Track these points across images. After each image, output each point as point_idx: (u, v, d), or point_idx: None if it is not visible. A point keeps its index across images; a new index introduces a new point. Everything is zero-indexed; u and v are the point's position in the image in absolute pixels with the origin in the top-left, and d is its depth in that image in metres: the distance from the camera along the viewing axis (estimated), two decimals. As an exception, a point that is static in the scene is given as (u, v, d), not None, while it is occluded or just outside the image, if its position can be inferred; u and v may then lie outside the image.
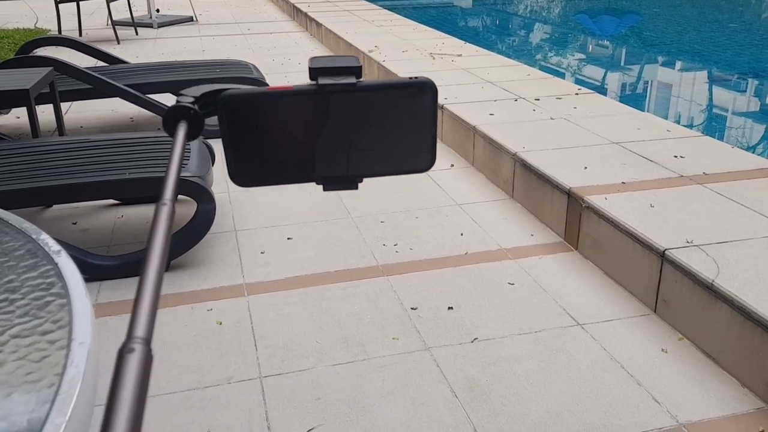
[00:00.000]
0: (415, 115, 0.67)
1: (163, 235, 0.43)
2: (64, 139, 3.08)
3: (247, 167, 0.66)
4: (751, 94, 6.75)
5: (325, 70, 0.64)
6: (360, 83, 0.65)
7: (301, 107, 0.64)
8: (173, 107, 0.63)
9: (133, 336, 0.35)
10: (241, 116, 0.64)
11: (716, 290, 2.10)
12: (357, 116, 0.66)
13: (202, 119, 0.65)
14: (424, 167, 0.70)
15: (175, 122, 0.63)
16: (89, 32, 8.50)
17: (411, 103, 0.67)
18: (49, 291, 0.83)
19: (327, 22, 7.63)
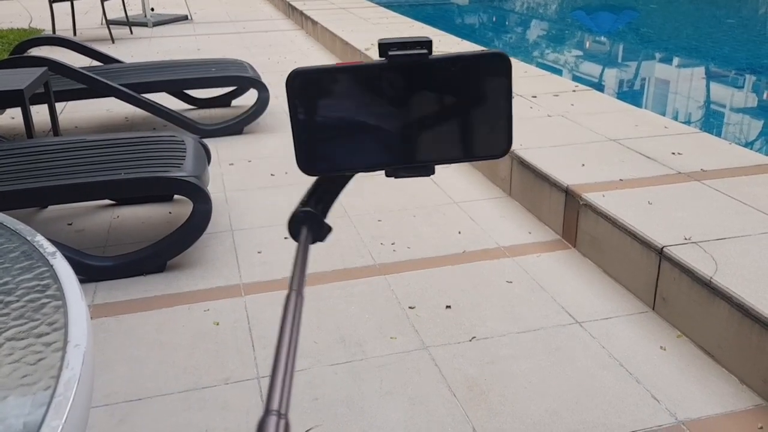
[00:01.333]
0: (488, 92, 0.63)
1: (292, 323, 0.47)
2: (59, 139, 3.06)
3: (317, 153, 0.63)
4: (749, 90, 6.75)
5: (395, 45, 0.61)
6: (432, 56, 0.61)
7: (372, 83, 0.61)
8: (296, 214, 0.64)
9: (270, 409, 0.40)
10: (310, 95, 0.61)
11: (714, 287, 2.09)
12: (429, 94, 0.62)
13: (325, 224, 0.65)
14: (500, 152, 0.65)
15: (300, 226, 0.64)
16: (84, 31, 8.48)
17: (484, 78, 0.63)
18: (45, 293, 0.82)
19: (323, 20, 7.62)
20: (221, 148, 4.14)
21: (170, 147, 2.93)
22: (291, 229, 0.64)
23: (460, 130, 0.64)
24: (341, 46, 6.63)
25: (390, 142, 0.64)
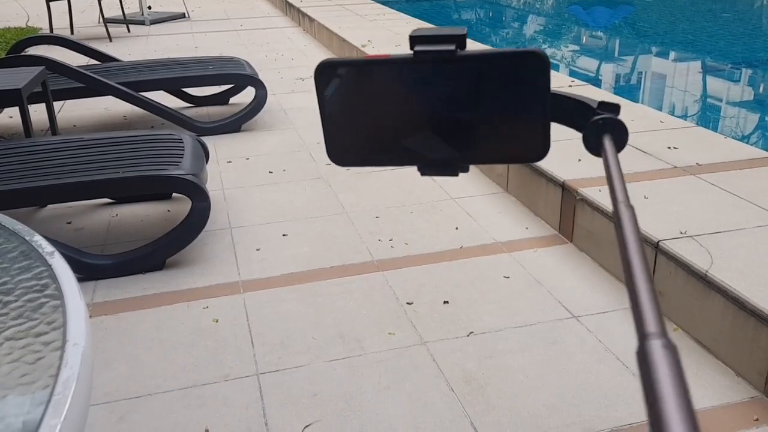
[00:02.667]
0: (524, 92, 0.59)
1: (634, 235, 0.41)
2: (57, 138, 3.07)
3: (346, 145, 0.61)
4: (745, 83, 6.76)
5: (423, 38, 0.58)
6: (460, 52, 0.58)
7: (399, 78, 0.59)
8: (593, 125, 0.59)
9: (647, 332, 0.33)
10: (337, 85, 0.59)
11: (710, 280, 2.10)
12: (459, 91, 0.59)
13: (626, 129, 0.60)
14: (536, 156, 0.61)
15: (600, 136, 0.59)
16: (81, 30, 8.47)
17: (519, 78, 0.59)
18: (43, 293, 0.83)
19: (320, 17, 7.62)
20: (219, 146, 4.15)
21: (168, 145, 2.94)
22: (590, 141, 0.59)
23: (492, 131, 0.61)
24: (338, 43, 6.63)
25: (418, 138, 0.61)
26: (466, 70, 0.59)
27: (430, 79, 0.59)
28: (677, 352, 0.32)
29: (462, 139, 0.61)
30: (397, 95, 0.60)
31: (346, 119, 0.61)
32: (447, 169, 0.62)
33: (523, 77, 0.59)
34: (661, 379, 0.30)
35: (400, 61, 0.59)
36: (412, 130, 0.61)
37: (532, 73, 0.58)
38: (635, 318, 0.35)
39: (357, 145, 0.62)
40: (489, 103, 0.60)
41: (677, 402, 0.29)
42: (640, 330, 0.34)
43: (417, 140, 0.62)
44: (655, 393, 0.30)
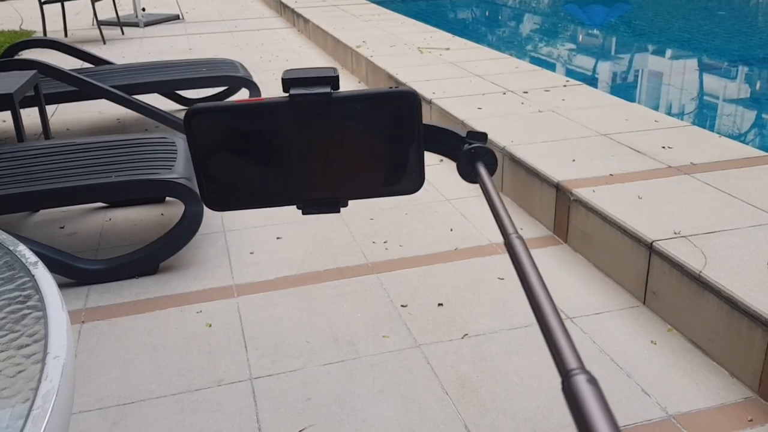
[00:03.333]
0: (398, 130, 0.62)
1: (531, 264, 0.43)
2: (49, 142, 3.06)
3: (221, 189, 0.62)
4: (740, 82, 6.76)
5: (298, 81, 0.60)
6: (335, 94, 0.60)
7: (274, 121, 0.60)
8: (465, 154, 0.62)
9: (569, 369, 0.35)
10: (211, 133, 0.60)
11: (704, 281, 2.10)
12: (334, 131, 0.61)
13: (492, 152, 0.64)
14: (412, 189, 0.64)
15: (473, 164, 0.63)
16: (75, 33, 8.45)
17: (393, 117, 0.61)
18: (26, 304, 0.82)
19: (314, 18, 7.61)
20: (213, 149, 4.13)
21: (161, 149, 2.93)
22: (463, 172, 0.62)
23: (369, 167, 0.63)
24: (333, 44, 6.62)
25: (297, 178, 0.63)
26: (342, 110, 0.60)
27: (307, 120, 0.61)
28: (599, 384, 0.34)
29: (340, 175, 0.63)
30: (275, 138, 0.61)
31: (222, 164, 0.61)
32: (328, 206, 0.64)
33: (396, 115, 0.61)
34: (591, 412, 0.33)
35: (275, 105, 0.60)
36: (291, 170, 0.62)
37: (405, 112, 0.61)
38: (554, 357, 0.37)
39: (235, 189, 0.63)
40: (365, 141, 0.62)
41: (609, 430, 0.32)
42: (561, 368, 0.36)
43: (296, 180, 0.63)
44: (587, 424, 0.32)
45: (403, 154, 0.63)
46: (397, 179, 0.64)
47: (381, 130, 0.62)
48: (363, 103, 0.61)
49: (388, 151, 0.63)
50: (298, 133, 0.61)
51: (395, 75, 4.84)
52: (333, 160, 0.62)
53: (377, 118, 0.62)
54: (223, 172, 0.62)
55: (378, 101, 0.61)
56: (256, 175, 0.62)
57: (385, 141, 0.63)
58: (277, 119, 0.60)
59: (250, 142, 0.61)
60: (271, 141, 0.61)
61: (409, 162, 0.64)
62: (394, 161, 0.63)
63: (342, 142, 0.62)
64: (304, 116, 0.60)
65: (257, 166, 0.62)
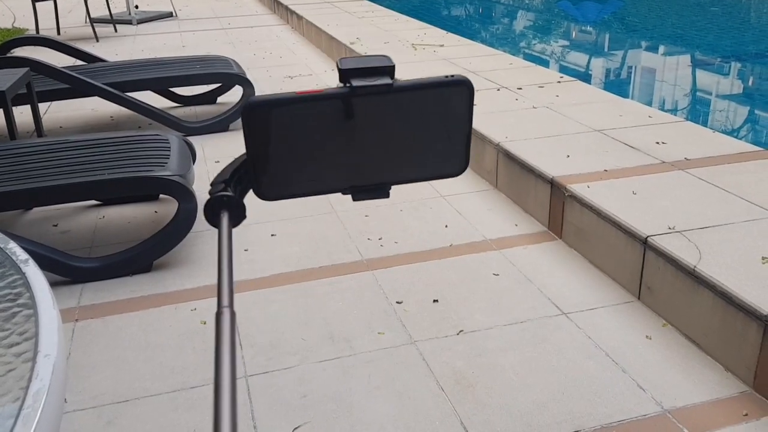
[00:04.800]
0: (450, 116, 0.63)
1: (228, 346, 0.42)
2: (42, 140, 3.04)
3: (274, 180, 0.62)
4: (733, 77, 6.77)
5: (357, 71, 0.60)
6: (396, 83, 0.61)
7: (333, 111, 0.60)
8: (213, 199, 0.60)
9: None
10: (268, 125, 0.60)
11: (698, 276, 2.10)
12: (392, 119, 0.62)
13: (243, 205, 0.62)
14: (456, 171, 0.66)
15: (218, 212, 0.60)
16: (67, 30, 8.41)
17: (447, 103, 0.63)
18: (16, 302, 0.81)
19: (308, 15, 7.59)
20: (206, 146, 4.12)
21: (154, 146, 2.92)
22: (208, 215, 0.61)
23: (420, 152, 0.64)
24: (327, 41, 6.61)
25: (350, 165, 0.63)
26: (401, 99, 0.61)
27: (366, 110, 0.61)
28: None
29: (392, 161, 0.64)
30: (332, 128, 0.61)
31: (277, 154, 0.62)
32: (378, 192, 0.65)
33: (451, 103, 0.63)
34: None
35: (335, 96, 0.60)
36: (344, 158, 0.63)
37: (460, 99, 0.63)
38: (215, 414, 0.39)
39: (289, 177, 0.63)
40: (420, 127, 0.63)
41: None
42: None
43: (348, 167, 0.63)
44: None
45: (452, 138, 0.65)
46: (444, 162, 0.66)
47: (436, 117, 0.63)
48: (422, 92, 0.62)
49: (440, 136, 0.64)
50: (355, 122, 0.62)
51: (389, 71, 4.82)
52: (386, 147, 0.63)
53: (434, 105, 0.63)
54: (277, 162, 0.62)
55: (436, 89, 0.62)
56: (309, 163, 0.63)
57: (438, 127, 0.64)
58: (335, 110, 0.61)
59: (307, 132, 0.61)
60: (327, 130, 0.62)
61: (457, 145, 0.65)
62: (443, 145, 0.65)
63: (398, 129, 0.63)
64: (364, 106, 0.61)
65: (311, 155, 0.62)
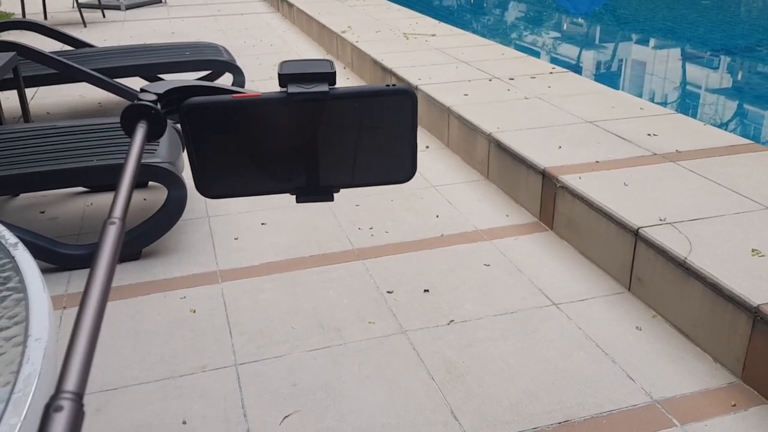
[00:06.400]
0: (393, 124, 0.63)
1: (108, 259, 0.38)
2: (29, 126, 3.00)
3: (215, 178, 0.62)
4: (724, 71, 6.79)
5: (295, 77, 0.60)
6: (333, 91, 0.60)
7: (271, 116, 0.60)
8: (132, 105, 0.58)
9: (62, 390, 0.29)
10: (206, 126, 0.60)
11: (689, 267, 2.11)
12: (331, 125, 0.62)
13: (164, 119, 0.59)
14: (404, 178, 0.67)
15: (135, 122, 0.58)
16: (54, 15, 8.32)
17: (389, 112, 0.63)
18: (6, 285, 0.80)
19: (298, 2, 7.54)
20: (197, 134, 4.08)
21: (143, 133, 2.88)
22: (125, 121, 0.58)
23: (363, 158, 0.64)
24: (318, 29, 6.57)
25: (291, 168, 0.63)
26: (339, 106, 0.62)
27: (304, 116, 0.61)
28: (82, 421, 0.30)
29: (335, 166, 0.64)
30: (270, 131, 0.61)
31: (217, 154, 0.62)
32: (322, 194, 0.65)
33: (393, 112, 0.63)
34: None
35: (272, 101, 0.60)
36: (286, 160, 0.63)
37: (402, 108, 0.63)
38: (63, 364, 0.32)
39: (230, 177, 0.63)
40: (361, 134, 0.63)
41: None
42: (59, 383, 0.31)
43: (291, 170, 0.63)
44: None
45: (397, 145, 0.65)
46: (390, 169, 0.66)
47: (377, 125, 0.63)
48: (360, 100, 0.62)
49: (383, 143, 0.64)
50: (294, 127, 0.62)
51: (381, 61, 4.81)
52: (328, 152, 0.63)
53: (374, 113, 0.63)
54: (218, 162, 0.62)
55: (376, 98, 0.62)
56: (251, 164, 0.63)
57: (380, 134, 0.64)
58: (273, 114, 0.61)
59: (246, 134, 0.61)
60: (267, 133, 0.62)
61: (403, 153, 0.65)
62: (388, 152, 0.65)
63: (338, 135, 0.63)
64: (301, 112, 0.61)
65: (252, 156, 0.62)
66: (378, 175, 0.66)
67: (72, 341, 0.33)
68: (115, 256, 0.40)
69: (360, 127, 0.63)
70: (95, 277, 0.36)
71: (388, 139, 0.64)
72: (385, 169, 0.65)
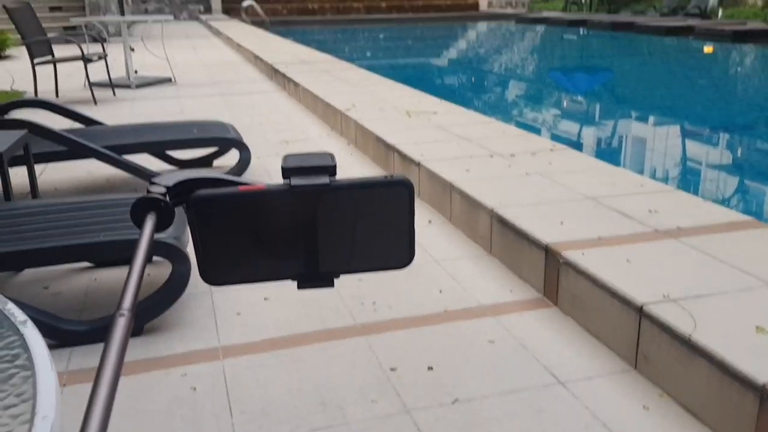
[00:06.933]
0: (391, 213, 0.66)
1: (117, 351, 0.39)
2: (36, 202, 3.05)
3: (219, 265, 0.64)
4: (723, 148, 6.90)
5: (298, 170, 0.64)
6: (333, 183, 0.63)
7: (274, 206, 0.63)
8: (142, 198, 0.61)
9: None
10: (213, 216, 0.62)
11: (694, 345, 2.09)
12: (331, 214, 0.64)
13: (173, 211, 0.63)
14: (402, 264, 0.69)
15: (145, 213, 0.61)
16: (66, 94, 8.53)
17: (387, 201, 0.65)
18: (14, 363, 0.80)
19: (304, 82, 7.74)
20: (202, 209, 4.12)
21: (150, 208, 2.92)
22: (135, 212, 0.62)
23: (362, 245, 0.67)
24: (323, 107, 6.72)
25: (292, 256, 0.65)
26: (339, 197, 0.65)
27: (306, 206, 0.64)
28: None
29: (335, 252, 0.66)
30: (274, 221, 0.64)
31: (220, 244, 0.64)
32: (323, 281, 0.67)
33: (390, 202, 0.66)
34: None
35: (277, 193, 0.63)
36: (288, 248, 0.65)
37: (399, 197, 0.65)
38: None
39: (233, 264, 0.65)
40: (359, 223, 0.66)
41: None
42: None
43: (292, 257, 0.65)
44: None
45: (395, 233, 0.67)
46: (388, 255, 0.68)
47: (375, 214, 0.66)
48: (359, 191, 0.65)
49: (382, 231, 0.67)
50: (296, 216, 0.64)
51: (384, 137, 4.90)
52: (329, 240, 0.65)
53: (373, 203, 0.66)
54: (222, 250, 0.64)
55: (374, 189, 0.65)
56: (254, 252, 0.65)
57: (379, 222, 0.66)
58: (276, 205, 0.64)
59: (250, 223, 0.64)
60: (270, 223, 0.64)
61: (401, 240, 0.67)
62: (386, 239, 0.67)
63: (338, 224, 0.65)
64: (303, 203, 0.64)
65: (256, 245, 0.64)
66: (377, 262, 0.68)
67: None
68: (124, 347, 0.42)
69: (359, 216, 0.65)
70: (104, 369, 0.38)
71: (386, 227, 0.66)
72: (384, 255, 0.68)
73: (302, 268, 0.65)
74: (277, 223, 0.64)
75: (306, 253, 0.65)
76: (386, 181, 0.65)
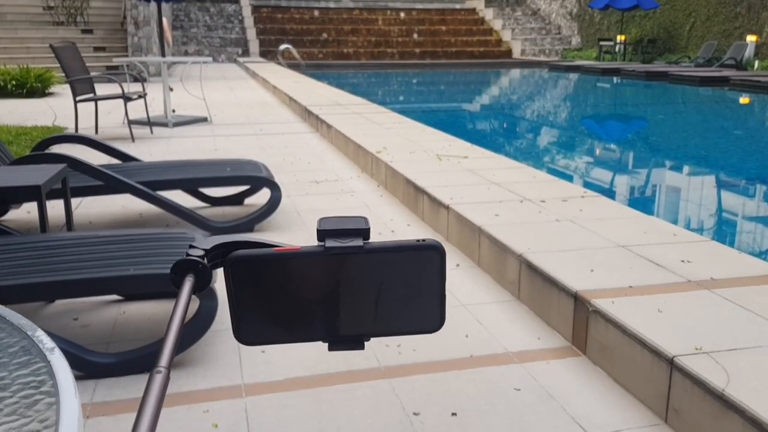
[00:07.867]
0: (422, 277, 0.67)
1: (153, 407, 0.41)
2: (70, 234, 3.10)
3: (253, 326, 0.65)
4: (759, 199, 6.79)
5: (332, 233, 0.65)
6: (367, 245, 0.65)
7: (308, 268, 0.65)
8: (182, 260, 0.64)
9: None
10: (248, 277, 0.64)
11: (727, 399, 2.03)
12: (364, 277, 0.66)
13: (210, 273, 0.65)
14: (432, 328, 0.69)
15: (183, 275, 0.63)
16: (105, 130, 8.74)
17: (419, 265, 0.66)
18: (39, 389, 0.81)
19: (336, 124, 7.84)
20: (232, 246, 4.16)
21: (180, 244, 2.96)
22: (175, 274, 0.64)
23: (393, 308, 0.67)
24: (354, 149, 6.78)
25: (324, 317, 0.66)
26: (373, 260, 0.66)
27: (340, 268, 0.66)
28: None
29: (367, 315, 0.67)
30: (308, 282, 0.66)
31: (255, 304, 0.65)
32: (353, 343, 0.68)
33: (422, 265, 0.67)
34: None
35: (311, 255, 0.65)
36: (321, 310, 0.66)
37: (431, 262, 0.67)
38: None
39: (268, 325, 0.66)
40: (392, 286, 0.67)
41: None
42: None
43: (325, 319, 0.67)
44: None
45: (426, 297, 0.68)
46: (419, 319, 0.69)
47: (407, 277, 0.67)
48: (392, 254, 0.66)
49: (413, 294, 0.67)
50: (329, 278, 0.66)
51: (414, 180, 4.92)
52: (360, 302, 0.67)
53: (404, 266, 0.67)
54: (257, 311, 0.66)
55: (406, 252, 0.66)
56: (287, 313, 0.66)
57: (410, 286, 0.67)
58: (311, 266, 0.65)
59: (284, 284, 0.65)
60: (303, 285, 0.66)
61: (432, 304, 0.68)
62: (417, 303, 0.68)
63: (370, 286, 0.67)
64: (336, 264, 0.65)
65: (290, 306, 0.66)
66: (407, 325, 0.68)
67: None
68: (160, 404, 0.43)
69: (391, 279, 0.66)
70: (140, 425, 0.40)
71: (417, 291, 0.67)
72: (415, 319, 0.68)
73: (333, 329, 0.67)
74: (310, 284, 0.65)
75: (337, 314, 0.66)
76: (418, 245, 0.66)
